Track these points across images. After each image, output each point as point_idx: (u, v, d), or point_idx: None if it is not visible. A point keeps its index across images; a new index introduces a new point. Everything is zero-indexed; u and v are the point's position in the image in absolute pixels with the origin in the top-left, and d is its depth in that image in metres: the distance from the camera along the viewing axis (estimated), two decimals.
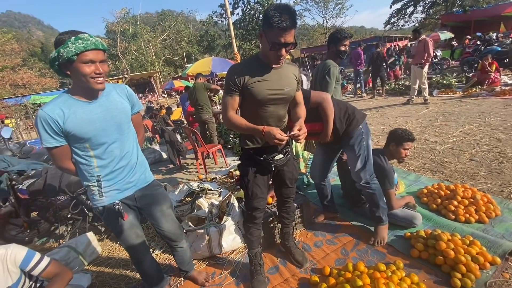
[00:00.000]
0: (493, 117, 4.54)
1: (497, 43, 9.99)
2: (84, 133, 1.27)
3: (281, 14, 1.23)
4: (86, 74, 1.18)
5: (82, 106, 1.27)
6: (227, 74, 1.46)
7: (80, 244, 2.41)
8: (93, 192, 1.39)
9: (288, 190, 1.80)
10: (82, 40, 1.14)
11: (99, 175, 1.36)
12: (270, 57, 1.37)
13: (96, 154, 1.34)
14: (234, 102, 1.46)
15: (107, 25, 28.05)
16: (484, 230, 1.98)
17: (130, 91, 1.49)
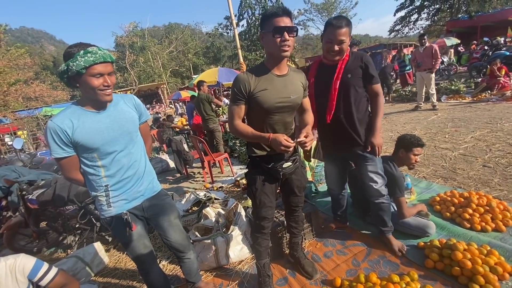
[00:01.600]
0: (505, 122, 4.43)
1: (505, 48, 9.87)
2: (93, 143, 1.29)
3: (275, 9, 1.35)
4: (94, 87, 1.20)
5: (91, 117, 1.29)
6: (233, 83, 1.46)
7: (87, 255, 2.41)
8: (101, 202, 1.40)
9: (297, 198, 1.76)
10: (91, 54, 1.16)
11: (107, 185, 1.37)
12: (275, 49, 1.35)
13: (104, 164, 1.35)
14: (240, 111, 1.47)
15: (116, 38, 28.93)
16: (501, 239, 1.90)
17: (137, 101, 1.51)
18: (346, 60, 1.79)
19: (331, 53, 1.75)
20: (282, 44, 1.33)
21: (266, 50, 1.46)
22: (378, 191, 1.89)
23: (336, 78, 1.79)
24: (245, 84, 1.40)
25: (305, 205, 2.32)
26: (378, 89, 1.85)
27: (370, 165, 1.89)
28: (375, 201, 1.93)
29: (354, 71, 1.79)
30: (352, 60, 1.80)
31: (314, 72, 1.93)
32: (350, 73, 1.79)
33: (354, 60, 1.80)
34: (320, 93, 1.89)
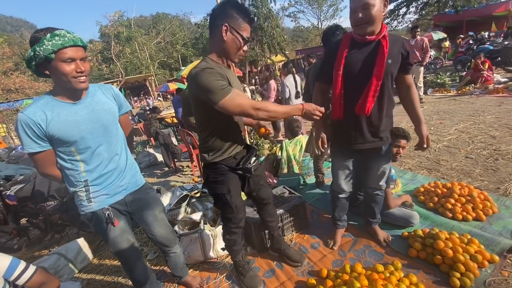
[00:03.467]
0: (487, 114, 4.56)
1: (489, 42, 10.10)
2: (70, 136, 1.22)
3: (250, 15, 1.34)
4: (66, 73, 1.12)
5: (66, 108, 1.22)
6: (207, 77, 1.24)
7: (70, 251, 2.34)
8: (80, 198, 1.34)
9: (267, 191, 1.77)
10: (58, 37, 1.08)
11: (86, 180, 1.31)
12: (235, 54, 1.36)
13: (83, 158, 1.28)
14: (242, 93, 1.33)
15: (101, 28, 27.87)
16: (481, 228, 1.96)
17: (116, 91, 1.43)
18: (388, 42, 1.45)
19: (358, 24, 1.43)
20: (241, 54, 1.36)
21: (222, 46, 1.33)
22: (380, 184, 1.84)
23: (380, 64, 1.44)
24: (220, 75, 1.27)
25: (293, 197, 2.33)
26: (412, 80, 1.66)
27: (383, 161, 1.76)
28: (372, 192, 1.88)
29: (395, 56, 1.48)
30: (392, 42, 1.47)
31: (345, 51, 1.53)
32: (391, 58, 1.47)
33: (395, 43, 1.49)
34: (353, 78, 1.54)
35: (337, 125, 1.78)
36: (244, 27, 1.31)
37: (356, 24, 1.45)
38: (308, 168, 3.28)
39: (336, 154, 1.91)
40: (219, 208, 1.65)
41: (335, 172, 1.93)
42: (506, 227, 1.91)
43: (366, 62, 1.49)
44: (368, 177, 1.85)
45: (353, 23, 1.47)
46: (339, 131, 1.78)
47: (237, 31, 1.29)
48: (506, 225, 1.93)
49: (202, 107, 1.36)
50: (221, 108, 1.25)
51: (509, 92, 5.71)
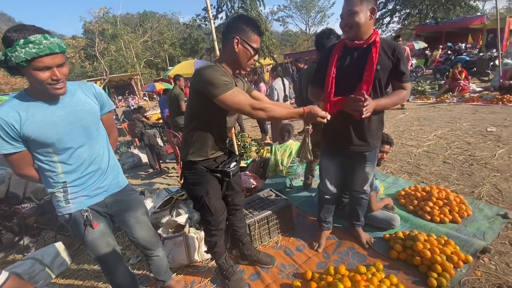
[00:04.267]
0: (463, 122, 4.79)
1: (466, 53, 10.66)
2: (46, 137, 1.16)
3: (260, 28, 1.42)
4: (41, 81, 1.06)
5: (42, 108, 1.15)
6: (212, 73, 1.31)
7: (46, 256, 2.23)
8: (58, 199, 1.29)
9: (241, 196, 1.79)
10: (33, 44, 0.99)
11: (64, 182, 1.26)
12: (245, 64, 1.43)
13: (61, 159, 1.23)
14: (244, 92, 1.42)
15: (85, 24, 26.99)
16: (457, 229, 2.06)
17: (98, 90, 1.37)
18: (379, 47, 1.49)
19: (344, 29, 1.51)
20: (252, 62, 1.44)
21: (234, 56, 1.40)
22: (364, 188, 1.87)
23: (369, 69, 1.48)
24: (225, 73, 1.37)
25: (279, 200, 2.35)
26: (407, 88, 1.59)
27: (368, 166, 1.79)
28: (357, 196, 1.92)
29: (384, 62, 1.51)
30: (385, 48, 1.51)
31: (337, 55, 1.59)
32: (380, 64, 1.50)
33: (386, 49, 1.51)
34: (343, 82, 1.57)
35: (327, 127, 1.81)
36: (254, 38, 1.39)
37: (341, 28, 1.55)
38: (295, 174, 3.31)
39: (324, 154, 1.95)
40: (197, 210, 1.65)
41: (323, 173, 1.98)
42: (479, 229, 2.02)
43: (356, 67, 1.53)
44: (354, 180, 1.89)
45: (342, 30, 1.57)
46: (329, 132, 1.84)
47: (247, 43, 1.38)
48: (480, 227, 2.04)
49: (198, 101, 1.40)
50: (220, 102, 1.30)
51: (483, 101, 6.04)
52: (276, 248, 2.16)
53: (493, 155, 3.23)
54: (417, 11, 20.14)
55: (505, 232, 1.96)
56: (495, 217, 2.12)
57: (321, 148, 2.03)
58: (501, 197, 2.40)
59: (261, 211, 2.18)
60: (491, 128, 4.19)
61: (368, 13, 1.44)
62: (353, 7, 1.42)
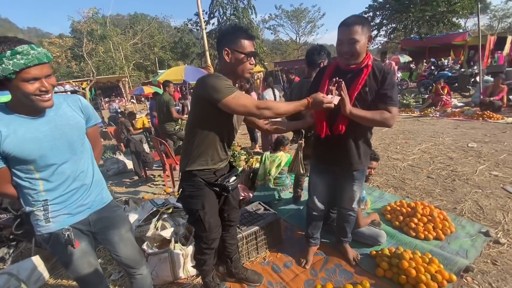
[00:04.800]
0: (445, 136, 4.97)
1: (448, 69, 11.14)
2: (28, 154, 1.10)
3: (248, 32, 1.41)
4: (28, 93, 1.01)
5: (25, 124, 1.10)
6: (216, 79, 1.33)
7: (23, 271, 2.11)
8: (37, 218, 1.22)
9: (237, 212, 1.78)
10: (21, 55, 0.96)
11: (45, 199, 1.20)
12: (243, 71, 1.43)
13: (43, 177, 1.17)
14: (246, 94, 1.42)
15: (73, 23, 26.37)
16: (441, 247, 2.10)
17: (84, 103, 1.32)
18: (369, 70, 1.54)
19: (343, 56, 1.54)
20: (250, 67, 1.43)
21: (230, 67, 1.42)
22: (352, 206, 1.88)
23: (355, 88, 1.54)
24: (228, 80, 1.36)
25: (267, 214, 2.33)
26: (393, 112, 1.54)
27: (356, 185, 1.81)
28: (345, 213, 1.93)
29: (372, 84, 1.55)
30: (373, 71, 1.56)
31: (329, 75, 1.66)
32: (368, 86, 1.55)
33: (376, 72, 1.56)
34: None
35: (317, 143, 1.87)
36: (243, 44, 1.38)
37: (341, 55, 1.56)
38: (284, 185, 3.31)
39: (313, 171, 1.98)
40: (191, 224, 1.62)
41: (311, 189, 1.99)
42: (462, 247, 2.07)
43: (348, 89, 1.55)
44: (342, 198, 1.91)
45: (339, 53, 1.57)
46: (318, 148, 1.88)
47: (237, 51, 1.38)
48: (462, 245, 2.09)
49: (201, 109, 1.40)
50: (225, 106, 1.30)
51: (465, 116, 6.31)
52: (264, 264, 2.13)
53: (474, 171, 3.36)
54: (403, 26, 20.98)
55: (487, 250, 2.02)
56: (477, 234, 2.19)
57: (310, 163, 2.05)
58: (482, 214, 2.49)
59: (249, 226, 2.15)
60: (472, 144, 4.37)
61: (366, 41, 1.50)
62: (355, 36, 1.45)
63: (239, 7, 16.62)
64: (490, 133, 4.88)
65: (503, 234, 2.19)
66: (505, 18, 31.66)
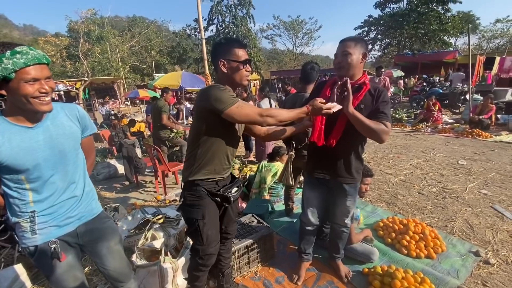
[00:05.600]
0: (436, 152, 5.07)
1: (439, 86, 11.47)
2: (21, 164, 1.07)
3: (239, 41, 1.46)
4: (27, 94, 1.00)
5: (20, 133, 1.07)
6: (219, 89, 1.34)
7: (4, 280, 2.02)
8: (23, 229, 1.17)
9: (235, 225, 1.77)
10: (20, 54, 0.97)
11: (33, 211, 1.15)
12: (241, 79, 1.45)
13: (33, 187, 1.13)
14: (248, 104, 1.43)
15: (70, 23, 26.21)
16: (432, 266, 2.11)
17: (81, 112, 1.30)
18: (367, 89, 1.62)
19: (336, 67, 1.62)
20: (247, 74, 1.45)
21: (227, 77, 1.44)
22: (345, 222, 1.88)
23: (353, 102, 1.57)
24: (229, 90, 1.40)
25: (260, 227, 2.30)
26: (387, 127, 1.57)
27: (349, 200, 1.81)
28: (338, 229, 1.92)
29: (367, 102, 1.62)
30: (369, 90, 1.63)
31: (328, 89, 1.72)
32: (365, 103, 1.61)
33: (372, 90, 1.63)
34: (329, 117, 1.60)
35: (310, 156, 1.93)
36: (237, 53, 1.41)
37: (335, 66, 1.66)
38: (277, 196, 3.30)
39: (307, 185, 1.98)
40: (189, 235, 1.59)
41: (305, 203, 1.99)
42: (453, 266, 2.08)
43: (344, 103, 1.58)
44: (335, 213, 1.91)
45: (334, 66, 1.68)
46: (311, 162, 1.90)
47: (232, 60, 1.41)
48: (453, 264, 2.10)
49: (204, 120, 1.40)
50: (228, 116, 1.31)
51: (455, 133, 6.46)
52: (255, 279, 2.09)
53: (464, 189, 3.41)
54: (396, 42, 21.63)
55: (477, 271, 2.04)
56: (468, 254, 2.20)
57: (301, 176, 2.06)
58: (472, 232, 2.52)
59: (242, 240, 2.12)
60: (462, 161, 4.46)
61: (360, 57, 1.57)
62: (347, 49, 1.55)
63: (238, 15, 16.83)
64: (479, 151, 5.00)
65: (493, 254, 2.21)
66: (493, 39, 32.94)
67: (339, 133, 1.64)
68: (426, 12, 18.71)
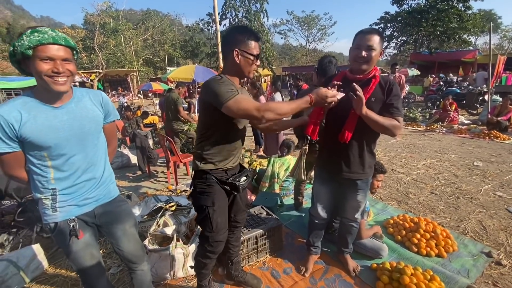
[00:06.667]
0: (451, 153, 4.94)
1: (456, 85, 11.11)
2: (44, 141, 1.13)
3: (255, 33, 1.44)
4: (40, 71, 1.05)
5: (46, 111, 1.14)
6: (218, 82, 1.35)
7: (22, 258, 2.12)
8: (45, 206, 1.24)
9: (244, 214, 1.78)
10: (38, 33, 1.03)
11: (54, 188, 1.21)
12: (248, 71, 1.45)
13: (55, 165, 1.20)
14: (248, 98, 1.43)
15: (86, 15, 26.72)
16: (442, 264, 2.08)
17: (105, 99, 1.36)
18: (378, 81, 1.59)
19: (358, 60, 1.56)
20: (255, 68, 1.46)
21: (237, 68, 1.43)
22: (355, 217, 1.89)
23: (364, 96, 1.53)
24: (230, 83, 1.38)
25: (270, 219, 2.33)
26: (399, 121, 1.56)
27: (360, 195, 1.80)
28: (348, 223, 1.93)
29: (378, 95, 1.59)
30: (379, 83, 1.60)
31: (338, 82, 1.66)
32: (375, 97, 1.58)
33: (382, 83, 1.60)
34: (337, 109, 1.58)
35: (321, 151, 1.91)
36: (252, 46, 1.41)
37: (356, 60, 1.59)
38: (287, 190, 3.31)
39: (317, 180, 1.99)
40: (199, 223, 1.61)
41: (314, 197, 2.00)
42: (464, 266, 2.05)
43: None
44: (345, 208, 1.91)
45: (353, 58, 1.60)
46: (322, 157, 1.89)
47: (247, 52, 1.40)
48: (464, 264, 2.07)
49: (209, 112, 1.41)
50: (226, 110, 1.30)
51: (471, 134, 6.27)
52: (263, 269, 2.13)
53: (479, 190, 3.33)
54: (413, 40, 20.99)
55: (489, 271, 2.00)
56: (479, 254, 2.16)
57: (313, 170, 2.06)
58: (486, 234, 2.46)
59: (251, 230, 2.15)
60: (477, 163, 4.34)
61: (379, 53, 1.57)
62: (374, 44, 1.52)
63: (251, 10, 16.70)
64: (496, 153, 4.84)
65: (505, 255, 2.17)
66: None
67: (352, 129, 1.61)
68: (446, 9, 18.03)
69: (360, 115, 1.52)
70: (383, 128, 1.56)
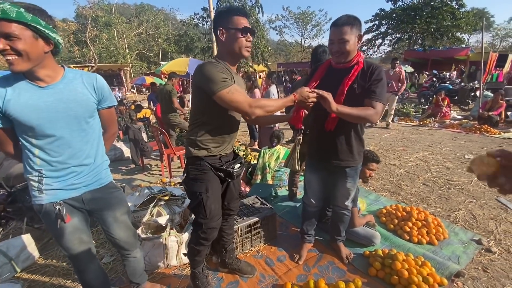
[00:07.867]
0: (443, 147, 5.02)
1: (449, 82, 11.25)
2: (26, 120, 1.11)
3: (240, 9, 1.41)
4: None
5: (31, 91, 1.11)
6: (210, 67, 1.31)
7: (12, 248, 2.09)
8: (32, 187, 1.22)
9: (237, 202, 1.78)
10: None
11: (40, 170, 1.20)
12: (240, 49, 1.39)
13: (40, 145, 1.18)
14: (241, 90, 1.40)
15: (78, 8, 26.11)
16: (433, 251, 2.12)
17: (100, 83, 1.31)
18: (360, 67, 1.58)
19: (334, 54, 1.59)
20: (247, 44, 1.40)
21: (226, 47, 1.40)
22: (346, 204, 1.90)
23: (345, 83, 1.57)
24: (225, 70, 1.35)
25: (264, 208, 2.33)
26: (377, 107, 1.54)
27: (349, 182, 1.82)
28: (339, 211, 1.95)
29: (360, 80, 1.58)
30: (363, 69, 1.59)
31: (321, 73, 1.71)
32: (357, 83, 1.58)
33: (365, 68, 1.59)
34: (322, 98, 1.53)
35: (310, 140, 1.93)
36: (236, 21, 1.36)
37: (331, 54, 1.64)
38: (280, 180, 3.32)
39: (308, 168, 2.01)
40: (192, 210, 1.60)
41: (306, 186, 2.03)
42: (454, 253, 2.09)
43: (336, 84, 1.61)
44: (336, 195, 1.92)
45: (330, 52, 1.66)
46: (311, 145, 1.91)
47: (230, 28, 1.36)
48: (455, 251, 2.11)
49: (202, 97, 1.38)
50: (218, 99, 1.30)
51: (463, 129, 6.37)
52: (257, 257, 2.13)
53: (470, 182, 3.39)
54: (407, 37, 21.11)
55: (479, 258, 2.04)
56: (469, 242, 2.21)
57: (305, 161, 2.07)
58: (476, 223, 2.51)
59: (245, 219, 2.15)
60: (468, 156, 4.41)
61: (356, 40, 1.55)
62: (344, 36, 1.51)
63: (246, 5, 16.56)
64: (487, 147, 4.93)
65: (495, 243, 2.22)
66: (507, 37, 32.07)
67: (336, 118, 1.63)
68: (439, 7, 18.15)
69: (332, 113, 1.53)
70: (358, 119, 1.59)
